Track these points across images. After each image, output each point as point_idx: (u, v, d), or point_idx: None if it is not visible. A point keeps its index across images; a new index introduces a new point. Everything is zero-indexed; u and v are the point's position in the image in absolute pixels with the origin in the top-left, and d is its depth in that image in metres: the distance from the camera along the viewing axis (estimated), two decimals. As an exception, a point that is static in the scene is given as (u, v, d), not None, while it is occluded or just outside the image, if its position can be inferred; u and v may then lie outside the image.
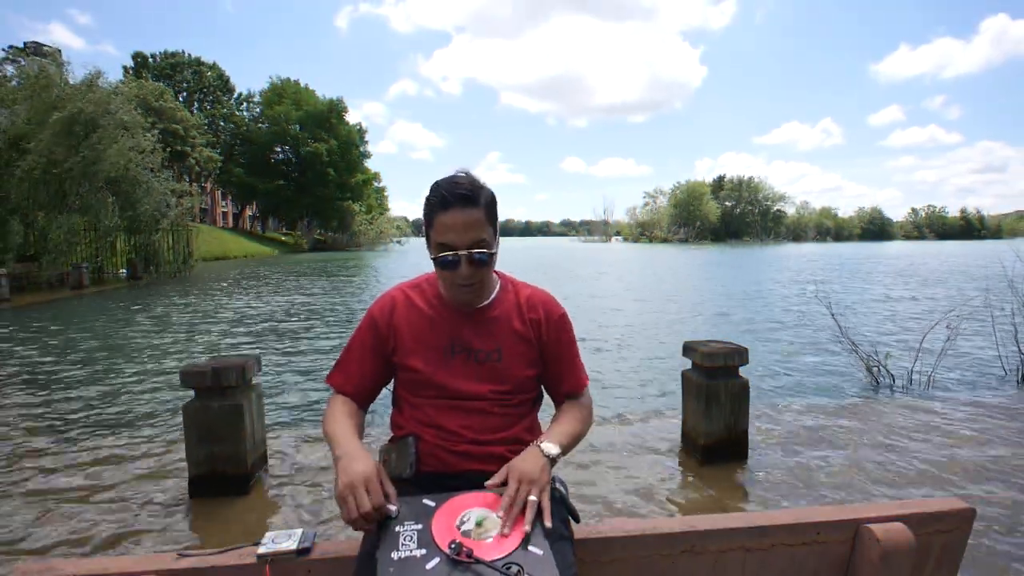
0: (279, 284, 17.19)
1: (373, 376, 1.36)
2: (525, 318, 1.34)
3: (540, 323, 1.35)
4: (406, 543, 1.03)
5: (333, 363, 1.40)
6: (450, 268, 1.23)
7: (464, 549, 0.99)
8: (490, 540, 1.03)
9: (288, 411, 4.56)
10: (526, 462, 1.18)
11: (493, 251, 1.27)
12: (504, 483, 1.15)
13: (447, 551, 1.00)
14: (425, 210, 1.25)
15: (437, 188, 1.23)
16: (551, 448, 1.22)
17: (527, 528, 1.07)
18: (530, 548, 1.02)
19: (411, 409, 1.32)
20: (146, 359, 6.65)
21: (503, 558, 0.99)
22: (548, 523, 1.10)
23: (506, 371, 1.31)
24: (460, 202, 1.20)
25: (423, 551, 1.01)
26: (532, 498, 1.12)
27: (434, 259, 1.25)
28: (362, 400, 1.37)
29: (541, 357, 1.36)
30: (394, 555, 1.01)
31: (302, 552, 1.18)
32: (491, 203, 1.25)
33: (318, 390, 5.15)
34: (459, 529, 1.05)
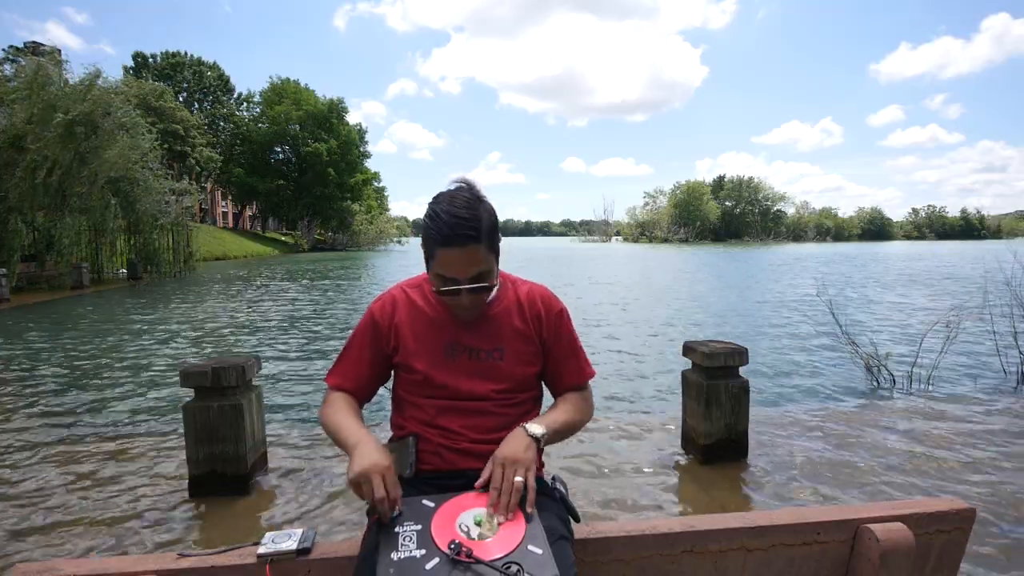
0: (279, 284, 17.19)
1: (372, 375, 1.36)
2: (525, 315, 1.34)
3: (540, 319, 1.35)
4: (406, 544, 1.03)
5: (333, 362, 1.40)
6: (451, 296, 1.24)
7: (464, 549, 0.99)
8: (490, 539, 1.04)
9: (288, 411, 4.56)
10: (508, 445, 1.18)
11: (495, 280, 1.27)
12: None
13: (447, 551, 1.00)
14: (424, 236, 1.23)
15: (437, 219, 1.18)
16: (535, 428, 1.21)
17: (508, 516, 1.07)
18: (530, 547, 1.02)
19: (412, 409, 1.31)
20: (146, 359, 6.65)
21: (503, 557, 0.99)
22: (530, 508, 1.09)
23: (508, 370, 1.31)
24: (462, 240, 1.17)
25: (423, 551, 1.01)
26: (518, 478, 1.11)
27: (435, 291, 1.25)
28: (360, 399, 1.37)
29: (542, 353, 1.36)
30: (394, 556, 1.01)
31: (302, 552, 1.18)
32: (492, 229, 1.22)
33: (318, 390, 5.15)
34: (459, 529, 1.06)
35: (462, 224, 1.17)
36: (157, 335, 8.31)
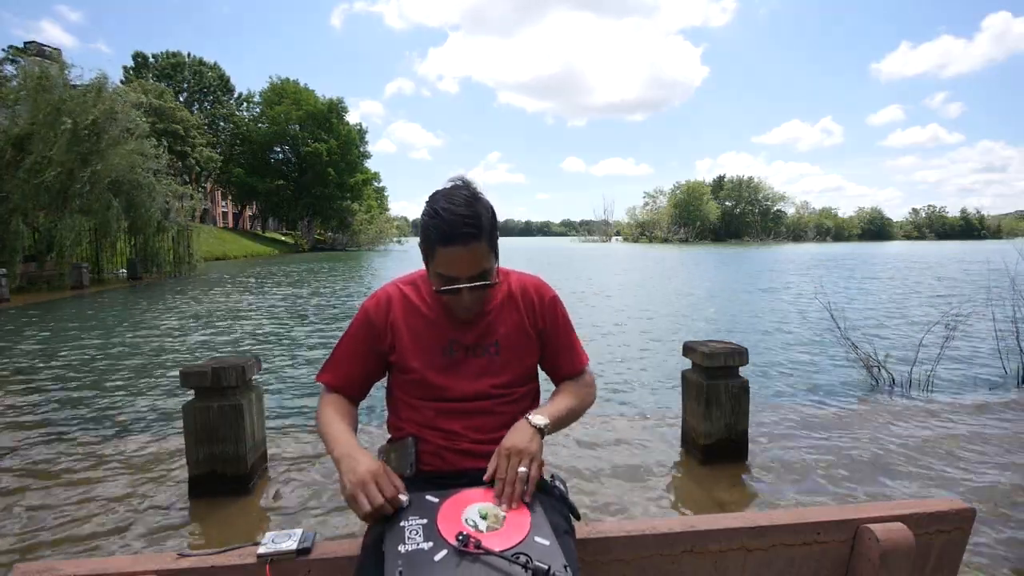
0: (279, 284, 17.18)
1: (365, 373, 1.35)
2: (519, 306, 1.34)
3: (534, 308, 1.35)
4: (412, 537, 1.03)
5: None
6: (451, 295, 1.23)
7: (472, 540, 0.99)
8: (496, 532, 1.04)
9: (288, 411, 4.56)
10: (512, 436, 1.18)
11: (495, 278, 1.27)
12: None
13: (455, 543, 1.00)
14: (423, 235, 1.21)
15: (436, 217, 1.17)
16: (538, 419, 1.21)
17: (513, 506, 1.08)
18: (537, 539, 1.03)
19: (410, 411, 1.31)
20: (146, 359, 6.65)
21: (510, 548, 1.00)
22: (527, 497, 1.10)
23: (505, 363, 1.30)
24: (462, 238, 1.16)
25: (430, 544, 1.01)
26: (522, 469, 1.11)
27: (436, 290, 1.24)
28: (354, 397, 1.36)
29: (538, 343, 1.36)
30: (401, 548, 1.01)
31: (302, 552, 1.18)
32: (492, 226, 1.21)
33: (318, 390, 5.14)
34: (464, 522, 1.06)
35: (463, 222, 1.16)
36: (156, 335, 8.30)
